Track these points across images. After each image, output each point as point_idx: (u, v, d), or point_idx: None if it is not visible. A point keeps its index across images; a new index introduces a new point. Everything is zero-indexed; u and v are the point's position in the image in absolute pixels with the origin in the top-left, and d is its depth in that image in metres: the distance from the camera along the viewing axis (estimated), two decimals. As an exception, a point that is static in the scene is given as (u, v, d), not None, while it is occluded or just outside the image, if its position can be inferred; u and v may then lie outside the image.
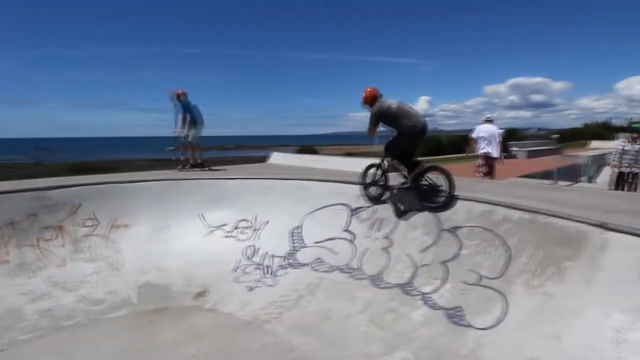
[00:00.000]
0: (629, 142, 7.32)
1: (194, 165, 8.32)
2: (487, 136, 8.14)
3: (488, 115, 8.45)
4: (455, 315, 3.81)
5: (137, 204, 6.30)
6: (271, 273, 5.41)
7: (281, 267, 5.45)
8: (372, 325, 4.11)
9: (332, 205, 5.94)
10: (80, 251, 5.68)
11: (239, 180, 6.92)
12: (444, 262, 4.39)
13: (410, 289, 4.37)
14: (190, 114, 8.08)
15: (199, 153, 8.58)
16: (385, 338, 3.88)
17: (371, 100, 5.27)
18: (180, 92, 8.04)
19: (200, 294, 5.25)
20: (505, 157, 8.47)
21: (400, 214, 5.23)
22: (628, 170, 7.22)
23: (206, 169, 8.34)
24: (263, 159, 11.43)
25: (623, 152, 7.30)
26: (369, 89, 5.31)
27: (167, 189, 6.67)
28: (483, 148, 8.20)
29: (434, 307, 4.02)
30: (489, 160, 8.21)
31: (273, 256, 5.63)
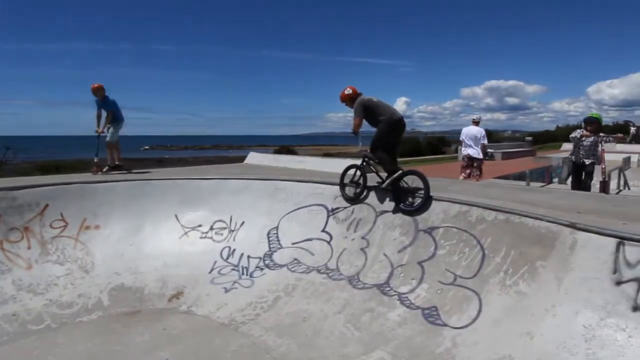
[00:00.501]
0: (584, 134, 6.63)
1: (113, 168, 7.43)
2: (470, 138, 8.29)
3: (474, 117, 8.58)
4: (431, 315, 3.79)
5: (108, 205, 6.04)
6: (248, 274, 5.28)
7: (258, 268, 5.33)
8: (349, 325, 4.05)
9: (309, 205, 5.86)
10: (48, 253, 5.40)
11: (215, 180, 6.73)
12: (420, 263, 4.38)
13: (387, 289, 4.33)
14: (108, 111, 7.26)
15: (118, 154, 7.62)
16: (362, 338, 3.83)
17: (355, 96, 5.41)
18: (95, 86, 7.22)
19: (175, 296, 5.08)
20: (484, 159, 8.68)
21: (378, 215, 5.19)
22: (587, 161, 6.58)
23: (125, 171, 7.48)
24: (240, 159, 11.20)
25: (579, 144, 6.68)
26: (350, 87, 5.48)
27: (140, 189, 6.42)
28: (465, 150, 8.39)
29: (411, 307, 3.99)
30: (474, 161, 8.38)
31: (249, 257, 5.51)
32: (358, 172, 5.55)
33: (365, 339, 3.81)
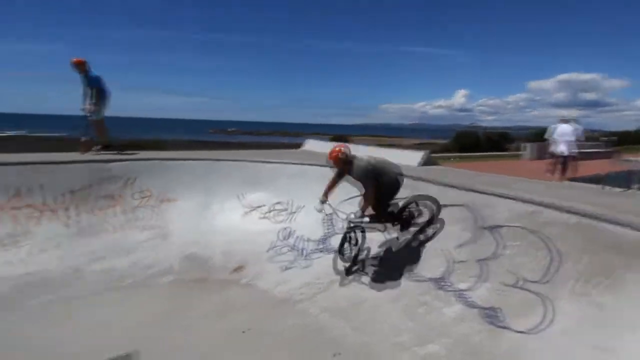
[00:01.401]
0: None
1: (103, 147, 7.07)
2: (562, 135, 8.37)
3: (564, 116, 8.83)
4: (491, 315, 3.64)
5: (182, 181, 6.52)
6: (304, 256, 5.44)
7: (315, 250, 5.47)
8: (403, 316, 4.04)
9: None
10: (133, 220, 6.00)
11: (276, 164, 6.94)
12: (481, 261, 4.19)
13: (444, 284, 4.22)
14: (93, 88, 6.78)
15: (105, 133, 7.22)
16: (416, 330, 3.80)
17: (350, 159, 4.55)
18: (74, 60, 6.68)
19: (237, 270, 5.43)
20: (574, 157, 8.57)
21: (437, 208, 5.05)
22: None
23: (115, 151, 7.08)
24: (296, 146, 11.33)
25: None
26: (342, 147, 4.62)
27: (209, 169, 6.83)
28: (555, 147, 8.52)
29: (469, 305, 3.86)
30: (562, 159, 8.39)
31: (308, 240, 5.65)
32: (352, 235, 4.89)
33: (420, 330, 3.77)
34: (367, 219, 4.57)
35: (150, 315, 4.25)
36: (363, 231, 4.94)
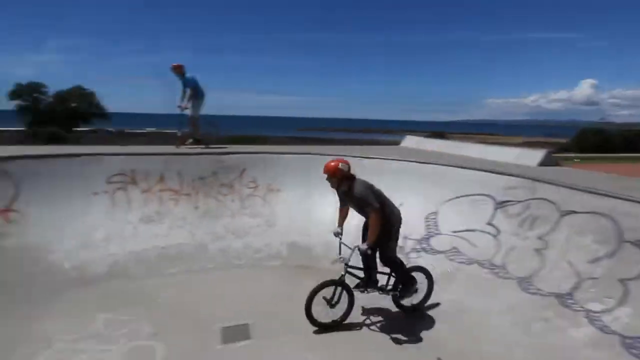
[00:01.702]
0: None
1: (196, 142, 7.74)
2: None
3: None
4: (635, 347, 3.03)
5: (286, 173, 6.97)
6: (404, 254, 5.30)
7: (414, 250, 5.31)
8: (517, 329, 3.67)
9: (473, 194, 5.40)
10: (245, 207, 6.69)
11: (375, 160, 6.88)
12: (623, 280, 3.51)
13: (570, 302, 3.68)
14: (189, 88, 7.45)
15: (200, 129, 7.86)
16: (532, 346, 3.43)
17: (351, 175, 3.88)
18: (173, 65, 7.50)
19: (337, 261, 5.58)
20: None
21: (563, 214, 4.37)
22: None
23: (204, 146, 7.65)
24: (391, 143, 11.04)
25: None
26: (342, 160, 3.94)
27: (310, 162, 7.07)
28: None
29: (605, 330, 3.30)
30: None
31: (406, 238, 5.47)
32: (338, 290, 3.91)
33: (538, 348, 3.39)
34: (369, 250, 3.68)
35: (260, 294, 4.73)
36: (351, 292, 3.94)
